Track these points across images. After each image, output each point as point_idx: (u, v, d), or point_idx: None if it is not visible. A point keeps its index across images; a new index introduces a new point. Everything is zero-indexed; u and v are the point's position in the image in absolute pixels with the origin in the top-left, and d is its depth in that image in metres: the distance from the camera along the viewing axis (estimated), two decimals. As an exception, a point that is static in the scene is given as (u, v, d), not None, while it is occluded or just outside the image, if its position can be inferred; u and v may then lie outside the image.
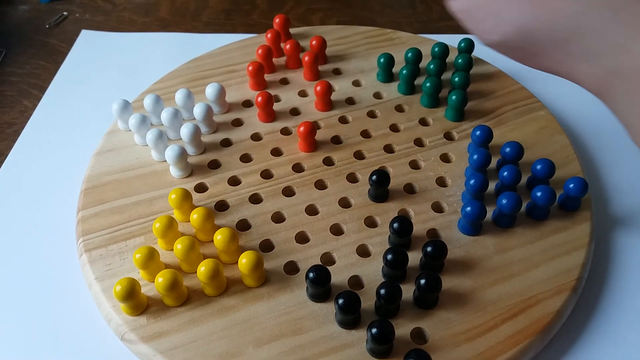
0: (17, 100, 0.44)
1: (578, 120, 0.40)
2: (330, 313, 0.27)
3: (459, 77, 0.38)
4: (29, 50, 0.48)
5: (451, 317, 0.27)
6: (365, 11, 0.52)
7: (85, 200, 0.33)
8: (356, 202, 0.33)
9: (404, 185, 0.34)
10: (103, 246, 0.31)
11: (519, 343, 0.26)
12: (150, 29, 0.50)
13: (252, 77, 0.40)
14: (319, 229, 0.31)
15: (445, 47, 0.41)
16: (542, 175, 0.32)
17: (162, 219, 0.29)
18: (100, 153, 0.36)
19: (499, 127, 0.37)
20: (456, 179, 0.34)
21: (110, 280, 0.29)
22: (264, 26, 0.50)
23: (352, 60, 0.43)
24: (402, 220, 0.29)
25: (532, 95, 0.40)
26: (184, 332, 0.27)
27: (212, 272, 0.27)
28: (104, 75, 0.45)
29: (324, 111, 0.39)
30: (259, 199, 0.33)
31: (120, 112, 0.36)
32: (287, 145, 0.36)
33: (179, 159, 0.33)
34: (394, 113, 0.39)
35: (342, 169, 0.35)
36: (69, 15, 0.52)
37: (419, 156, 0.36)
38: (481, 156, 0.32)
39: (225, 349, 0.26)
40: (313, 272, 0.27)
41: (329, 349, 0.26)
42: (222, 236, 0.28)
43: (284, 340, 0.26)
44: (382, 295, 0.26)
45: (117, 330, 0.28)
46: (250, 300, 0.28)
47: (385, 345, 0.25)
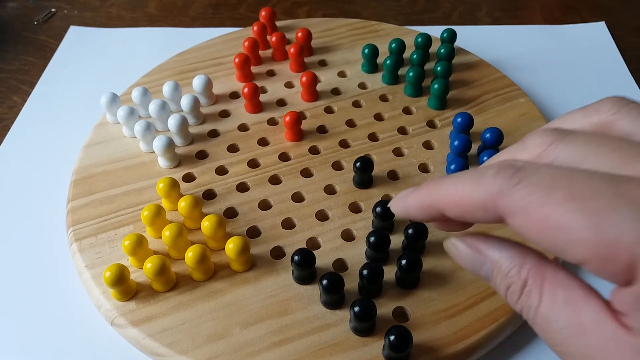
0: (6, 96, 0.44)
1: (558, 107, 0.41)
2: (315, 295, 0.28)
3: (441, 66, 0.39)
4: (18, 47, 0.48)
5: (432, 296, 0.28)
6: (351, 4, 0.53)
7: (75, 191, 0.34)
8: (341, 188, 0.34)
9: (388, 172, 0.35)
10: (93, 235, 0.31)
11: (497, 319, 0.27)
12: (138, 24, 0.51)
13: (238, 69, 0.40)
14: (305, 215, 0.32)
15: (428, 37, 0.41)
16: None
17: (150, 207, 0.30)
18: (89, 145, 0.37)
19: (480, 115, 0.38)
20: (438, 165, 0.35)
21: (100, 268, 0.29)
22: (252, 20, 0.51)
23: (338, 51, 0.44)
24: (384, 204, 0.30)
25: (513, 84, 0.41)
26: (173, 315, 0.28)
27: (199, 257, 0.28)
28: (92, 70, 0.45)
29: (310, 101, 0.39)
30: (246, 188, 0.34)
31: (109, 105, 0.37)
32: (273, 135, 0.37)
33: (166, 150, 0.34)
34: (379, 102, 0.39)
35: (328, 157, 0.36)
36: (57, 12, 0.52)
37: (402, 144, 0.36)
38: (462, 142, 0.33)
39: (213, 331, 0.27)
40: (298, 255, 0.28)
41: (314, 328, 0.27)
42: (209, 223, 0.29)
43: (270, 321, 0.27)
44: (365, 275, 0.27)
45: (107, 316, 0.28)
46: (237, 284, 0.29)
47: (367, 322, 0.25)
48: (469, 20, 0.51)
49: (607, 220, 0.14)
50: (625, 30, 0.49)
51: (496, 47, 0.46)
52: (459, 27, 0.47)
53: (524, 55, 0.46)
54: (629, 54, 0.46)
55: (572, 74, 0.44)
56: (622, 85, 0.43)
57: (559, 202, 0.15)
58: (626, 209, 0.14)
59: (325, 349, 0.26)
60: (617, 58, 0.45)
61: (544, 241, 0.16)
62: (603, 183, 0.15)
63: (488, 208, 0.17)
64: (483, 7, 0.52)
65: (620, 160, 0.16)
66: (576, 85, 0.43)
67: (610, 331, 0.15)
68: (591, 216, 0.14)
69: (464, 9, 0.52)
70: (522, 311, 0.17)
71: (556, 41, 0.47)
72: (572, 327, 0.16)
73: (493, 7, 0.52)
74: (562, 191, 0.15)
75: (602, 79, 0.44)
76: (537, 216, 0.15)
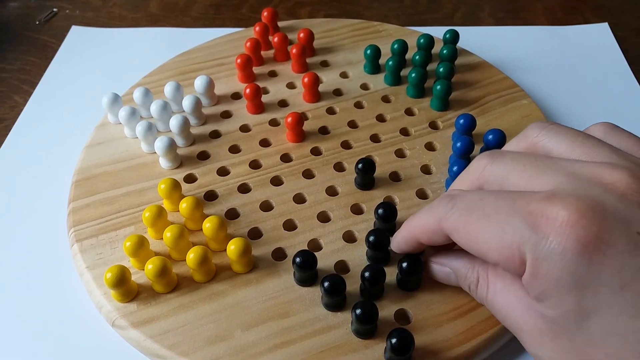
0: (7, 96, 0.44)
1: (561, 109, 0.41)
2: (317, 297, 0.28)
3: (443, 67, 0.39)
4: (20, 47, 0.48)
5: (434, 299, 0.28)
6: (353, 5, 0.53)
7: (76, 192, 0.34)
8: (343, 190, 0.34)
9: (390, 173, 0.34)
10: (94, 236, 0.31)
11: (499, 323, 0.27)
12: (139, 24, 0.51)
13: (240, 70, 0.40)
14: (307, 217, 0.32)
15: (430, 38, 0.41)
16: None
17: (151, 208, 0.30)
18: (90, 146, 0.37)
19: (483, 116, 0.38)
20: (440, 166, 0.35)
21: (101, 269, 0.29)
22: (253, 20, 0.51)
23: (340, 52, 0.43)
24: (386, 206, 0.30)
25: (515, 85, 0.40)
26: (174, 317, 0.27)
27: (200, 259, 0.28)
28: (94, 70, 0.45)
29: (312, 102, 0.39)
30: (247, 189, 0.34)
31: (110, 105, 0.37)
32: (275, 136, 0.37)
33: (168, 151, 0.34)
34: (381, 104, 0.39)
35: (330, 158, 0.36)
36: (59, 12, 0.52)
37: (404, 145, 0.36)
38: (464, 143, 0.33)
39: (214, 333, 0.27)
40: (300, 256, 0.27)
41: (315, 330, 0.27)
42: (210, 224, 0.29)
43: (272, 323, 0.27)
44: (367, 277, 0.26)
45: (108, 317, 0.28)
46: (238, 286, 0.29)
47: (369, 325, 0.25)
48: (471, 21, 0.50)
49: (504, 230, 0.19)
50: (628, 31, 0.48)
51: (499, 48, 0.46)
52: (461, 28, 0.47)
53: (526, 57, 0.45)
54: (632, 54, 0.46)
55: (574, 75, 0.44)
56: (625, 86, 0.43)
57: (476, 220, 0.21)
58: (516, 220, 0.19)
59: (326, 352, 0.26)
60: (620, 59, 0.45)
61: (473, 250, 0.21)
62: (504, 201, 0.20)
63: (438, 231, 0.23)
64: (485, 8, 0.52)
65: (530, 176, 0.21)
66: (579, 86, 0.43)
67: (525, 300, 0.21)
68: (494, 228, 0.20)
69: (466, 9, 0.52)
70: (480, 301, 0.24)
71: (559, 42, 0.47)
72: (507, 306, 0.22)
73: (495, 8, 0.52)
74: (476, 211, 0.21)
75: (604, 80, 0.43)
76: (464, 232, 0.21)
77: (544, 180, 0.20)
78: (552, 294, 0.19)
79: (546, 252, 0.18)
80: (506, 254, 0.20)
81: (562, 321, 0.19)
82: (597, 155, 0.21)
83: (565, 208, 0.18)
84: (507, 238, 0.19)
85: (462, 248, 0.23)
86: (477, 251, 0.21)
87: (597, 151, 0.21)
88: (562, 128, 0.23)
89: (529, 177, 0.21)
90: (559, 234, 0.18)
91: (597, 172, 0.19)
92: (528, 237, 0.19)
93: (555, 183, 0.20)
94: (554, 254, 0.18)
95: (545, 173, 0.20)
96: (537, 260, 0.19)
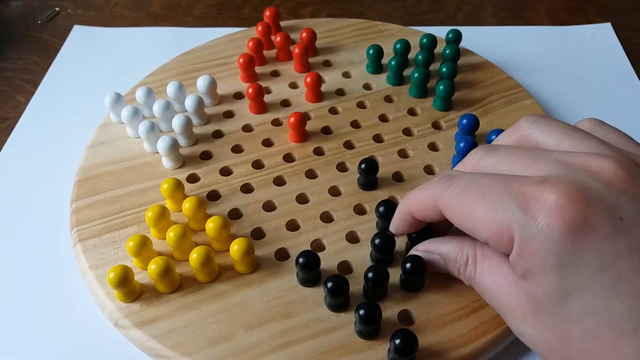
0: (10, 95, 0.44)
1: (564, 109, 0.41)
2: (320, 297, 0.28)
3: (446, 67, 0.39)
4: (22, 46, 0.48)
5: (437, 299, 0.28)
6: (355, 4, 0.53)
7: (79, 192, 0.34)
8: (346, 190, 0.33)
9: (393, 173, 0.34)
10: (97, 236, 0.31)
11: (503, 323, 0.27)
12: (142, 23, 0.51)
13: (243, 70, 0.40)
14: (309, 217, 0.32)
15: (433, 38, 0.41)
16: None
17: (154, 208, 0.30)
18: (93, 145, 0.36)
19: (486, 116, 0.38)
20: (443, 166, 0.35)
21: (103, 269, 0.29)
22: (255, 20, 0.50)
23: (342, 52, 0.43)
24: (387, 204, 0.30)
25: (518, 85, 0.40)
26: (177, 317, 0.27)
27: (204, 259, 0.28)
28: (96, 69, 0.45)
29: (314, 102, 0.39)
30: (250, 189, 0.34)
31: (113, 105, 0.37)
32: (277, 135, 0.37)
33: (170, 150, 0.34)
34: (383, 103, 0.39)
35: (332, 158, 0.35)
36: (61, 11, 0.52)
37: (407, 145, 0.36)
38: (467, 144, 0.33)
39: (217, 333, 0.27)
40: (303, 257, 0.27)
41: (319, 331, 0.27)
42: (213, 224, 0.29)
43: (275, 324, 0.27)
44: (370, 278, 0.26)
45: (111, 317, 0.28)
46: (241, 286, 0.29)
47: (372, 326, 0.25)
48: (474, 21, 0.50)
49: (496, 209, 0.21)
50: (631, 31, 0.48)
51: (501, 48, 0.46)
52: (464, 28, 0.47)
53: (529, 57, 0.45)
54: (635, 55, 0.46)
55: (577, 75, 0.44)
56: (628, 86, 0.43)
57: (470, 198, 0.22)
58: (507, 200, 0.20)
59: (330, 352, 0.26)
60: (623, 59, 0.45)
61: (464, 227, 0.22)
62: (498, 183, 0.21)
63: (433, 207, 0.24)
64: (488, 8, 0.52)
65: (522, 165, 0.22)
66: (581, 86, 0.43)
67: (512, 278, 0.22)
68: (488, 207, 0.21)
69: (468, 9, 0.52)
70: (466, 281, 0.25)
71: (562, 42, 0.47)
72: (493, 285, 0.23)
73: (498, 8, 0.52)
74: (472, 190, 0.22)
75: (607, 80, 0.43)
76: (458, 209, 0.22)
77: (535, 168, 0.21)
78: (536, 272, 0.20)
79: (534, 231, 0.19)
80: (496, 232, 0.21)
81: (544, 299, 0.20)
82: (585, 146, 0.22)
83: (554, 192, 0.19)
84: (498, 216, 0.20)
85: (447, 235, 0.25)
86: (469, 228, 0.22)
87: (585, 143, 0.22)
88: (553, 121, 0.24)
89: (520, 166, 0.22)
90: (547, 215, 0.19)
91: (585, 160, 0.21)
92: (518, 217, 0.20)
93: (547, 170, 0.21)
94: (541, 234, 0.19)
95: (537, 162, 0.21)
96: (524, 239, 0.20)
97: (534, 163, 0.22)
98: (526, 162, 0.22)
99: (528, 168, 0.22)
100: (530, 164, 0.22)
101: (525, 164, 0.22)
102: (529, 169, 0.22)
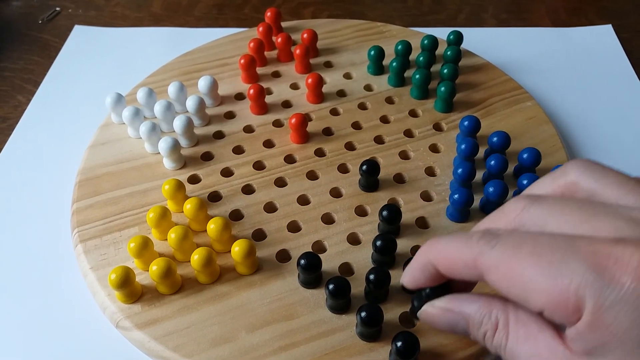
0: (10, 95, 0.44)
1: (565, 111, 0.41)
2: (321, 299, 0.28)
3: (447, 69, 0.39)
4: (23, 46, 0.48)
5: (439, 301, 0.28)
6: (357, 5, 0.53)
7: (80, 192, 0.34)
8: (347, 191, 0.33)
9: (394, 175, 0.34)
10: (98, 236, 0.31)
11: (505, 325, 0.27)
12: (142, 23, 0.51)
13: (244, 70, 0.40)
14: (311, 218, 0.32)
15: (434, 39, 0.41)
16: (529, 163, 0.33)
17: (155, 209, 0.30)
18: (94, 146, 0.36)
19: (487, 118, 0.38)
20: (445, 168, 0.35)
21: (105, 270, 0.29)
22: (256, 20, 0.50)
23: (343, 53, 0.43)
24: (391, 208, 0.30)
25: (519, 87, 0.40)
26: (178, 318, 0.27)
27: (205, 260, 0.28)
28: (97, 69, 0.45)
29: (316, 103, 0.39)
30: (251, 190, 0.34)
31: (114, 105, 0.37)
32: (279, 137, 0.37)
33: (172, 151, 0.34)
34: (384, 105, 0.39)
35: (333, 159, 0.35)
36: (62, 11, 0.52)
37: (408, 147, 0.36)
38: (469, 146, 0.33)
39: (218, 334, 0.27)
40: (304, 258, 0.27)
41: (320, 333, 0.27)
42: (215, 225, 0.29)
43: (276, 325, 0.27)
44: (372, 280, 0.26)
45: (112, 318, 0.28)
46: (243, 288, 0.29)
47: (374, 328, 0.25)
48: (475, 22, 0.50)
49: (559, 271, 0.17)
50: (632, 32, 0.48)
51: (502, 49, 0.46)
52: (465, 29, 0.47)
53: (530, 58, 0.45)
54: (636, 56, 0.46)
55: (578, 77, 0.44)
56: (629, 87, 0.43)
57: (524, 257, 0.18)
58: (574, 261, 0.17)
59: (331, 354, 0.26)
60: (624, 60, 0.45)
61: (512, 291, 0.18)
62: (559, 241, 0.18)
63: (470, 266, 0.20)
64: (489, 9, 0.52)
65: (578, 220, 0.18)
66: (583, 88, 0.43)
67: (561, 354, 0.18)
68: (547, 268, 0.17)
69: (469, 10, 0.52)
70: (493, 349, 0.20)
71: (563, 44, 0.47)
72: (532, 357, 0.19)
73: (499, 9, 0.52)
74: (526, 248, 0.18)
75: (608, 82, 0.43)
76: (505, 270, 0.18)
77: (597, 224, 0.18)
78: (614, 348, 0.16)
79: (614, 298, 0.16)
80: (557, 298, 0.17)
81: None
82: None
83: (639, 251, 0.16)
84: (561, 280, 0.17)
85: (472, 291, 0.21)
86: (519, 293, 0.18)
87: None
88: (609, 170, 0.20)
89: (578, 222, 0.18)
90: (633, 279, 0.16)
91: None
92: (591, 281, 0.16)
93: (615, 228, 0.17)
94: (625, 302, 0.16)
95: (600, 218, 0.18)
96: (600, 308, 0.16)
97: (596, 218, 0.18)
98: (584, 216, 0.18)
99: (588, 223, 0.18)
100: (590, 219, 0.18)
101: (583, 219, 0.18)
102: (590, 225, 0.18)
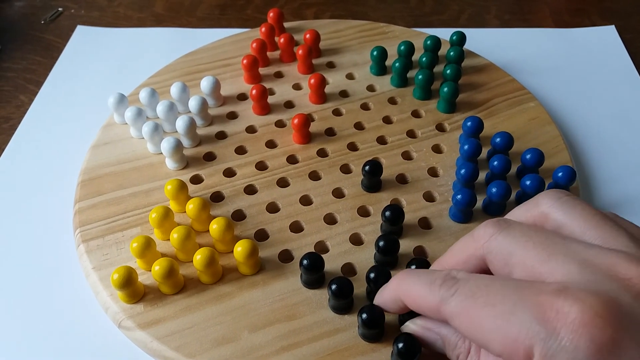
0: (13, 95, 0.44)
1: (568, 111, 0.41)
2: (324, 299, 0.28)
3: (450, 69, 0.39)
4: (25, 46, 0.48)
5: (442, 302, 0.27)
6: (359, 6, 0.53)
7: (82, 192, 0.34)
8: (349, 192, 0.33)
9: (397, 175, 0.34)
10: (100, 237, 0.31)
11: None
12: (145, 24, 0.51)
13: (246, 71, 0.40)
14: (313, 219, 0.32)
15: (437, 40, 0.41)
16: (532, 164, 0.32)
17: (158, 209, 0.30)
18: (96, 146, 0.36)
19: (490, 119, 0.38)
20: (447, 169, 0.35)
21: (107, 270, 0.29)
22: (259, 21, 0.50)
23: (346, 53, 0.43)
24: (393, 208, 0.30)
25: (522, 87, 0.40)
26: (181, 318, 0.27)
27: (207, 260, 0.28)
28: (99, 70, 0.45)
29: (318, 104, 0.39)
30: (253, 190, 0.34)
31: (116, 105, 0.37)
32: (281, 137, 0.37)
33: (174, 151, 0.34)
34: (387, 105, 0.39)
35: (336, 160, 0.35)
36: (64, 11, 0.52)
37: (411, 147, 0.36)
38: (472, 146, 0.33)
39: (221, 334, 0.27)
40: (307, 259, 0.27)
41: (322, 333, 0.27)
42: (217, 225, 0.29)
43: (279, 325, 0.27)
44: (372, 279, 0.26)
45: (115, 318, 0.28)
46: (245, 288, 0.29)
47: (375, 329, 0.25)
48: (478, 23, 0.50)
49: (509, 322, 0.18)
50: (635, 33, 0.48)
51: (505, 50, 0.46)
52: (468, 30, 0.47)
53: (533, 59, 0.45)
54: (639, 57, 0.46)
55: (581, 77, 0.44)
56: (632, 88, 0.43)
57: (480, 307, 0.19)
58: (522, 312, 0.18)
59: (333, 354, 0.26)
60: (627, 61, 0.45)
61: (474, 338, 0.20)
62: (510, 291, 0.19)
63: (435, 312, 0.21)
64: (492, 10, 0.52)
65: (537, 259, 0.20)
66: (586, 89, 0.43)
67: None
68: (499, 318, 0.18)
69: (472, 11, 0.52)
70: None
71: (566, 45, 0.47)
72: None
73: (501, 10, 0.52)
74: (482, 298, 0.19)
75: (611, 83, 0.43)
76: (465, 319, 0.20)
77: (553, 265, 0.19)
78: None
79: (556, 349, 0.17)
80: (510, 347, 0.18)
81: None
82: (612, 240, 0.20)
83: (577, 303, 0.17)
84: (512, 330, 0.18)
85: None
86: (479, 339, 0.20)
87: (613, 236, 0.20)
88: (579, 203, 0.21)
89: (537, 257, 0.20)
90: (571, 331, 0.17)
91: (613, 264, 0.18)
92: (537, 332, 0.17)
93: (567, 272, 0.19)
94: (565, 352, 0.17)
95: (556, 257, 0.19)
96: (545, 356, 0.17)
97: (552, 258, 0.19)
98: (544, 254, 0.19)
99: (545, 263, 0.19)
100: (548, 259, 0.19)
101: (542, 257, 0.19)
102: (546, 265, 0.19)
